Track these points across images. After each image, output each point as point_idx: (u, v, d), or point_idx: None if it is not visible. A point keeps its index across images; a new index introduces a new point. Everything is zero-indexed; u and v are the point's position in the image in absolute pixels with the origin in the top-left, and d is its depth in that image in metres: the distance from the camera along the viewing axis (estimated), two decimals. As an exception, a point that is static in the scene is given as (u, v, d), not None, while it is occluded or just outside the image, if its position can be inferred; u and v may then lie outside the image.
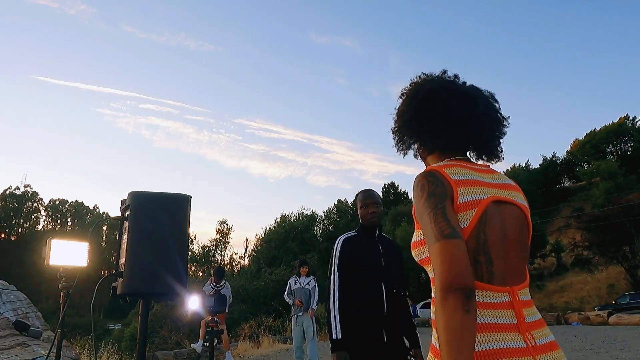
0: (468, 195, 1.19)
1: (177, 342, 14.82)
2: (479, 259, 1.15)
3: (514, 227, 1.23)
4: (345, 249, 2.70)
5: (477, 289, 1.12)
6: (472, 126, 1.31)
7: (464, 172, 1.24)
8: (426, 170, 1.24)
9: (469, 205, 1.17)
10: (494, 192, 1.24)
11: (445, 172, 1.22)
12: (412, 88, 1.40)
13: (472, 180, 1.23)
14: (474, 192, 1.20)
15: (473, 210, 1.16)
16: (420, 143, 1.39)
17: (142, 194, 2.31)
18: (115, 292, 2.27)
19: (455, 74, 1.40)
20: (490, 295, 1.14)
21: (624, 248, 29.25)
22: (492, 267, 1.15)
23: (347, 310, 2.55)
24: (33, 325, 5.66)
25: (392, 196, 45.55)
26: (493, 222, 1.19)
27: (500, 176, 1.33)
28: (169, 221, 2.29)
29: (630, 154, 46.44)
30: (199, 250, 41.84)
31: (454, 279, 1.04)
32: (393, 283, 2.67)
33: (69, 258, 3.37)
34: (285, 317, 16.15)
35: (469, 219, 1.16)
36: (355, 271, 2.63)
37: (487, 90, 1.39)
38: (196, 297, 5.32)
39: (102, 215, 69.55)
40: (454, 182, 1.19)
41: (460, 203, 1.16)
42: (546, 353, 1.13)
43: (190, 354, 10.23)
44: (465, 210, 1.16)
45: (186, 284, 2.29)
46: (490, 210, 1.19)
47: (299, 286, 7.72)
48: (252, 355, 10.87)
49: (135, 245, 2.22)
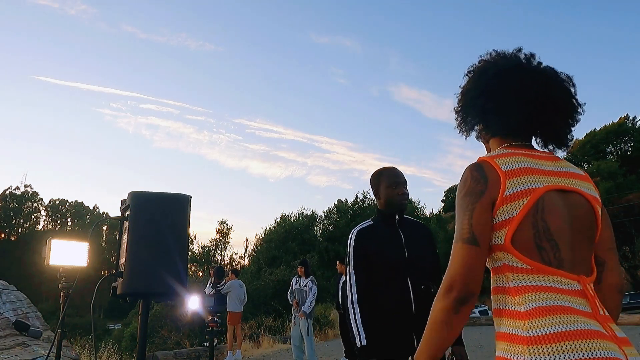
0: (520, 185, 1.15)
1: (177, 342, 14.81)
2: (543, 245, 1.12)
3: (580, 218, 1.18)
4: (360, 242, 2.33)
5: (545, 273, 1.10)
6: (544, 110, 1.24)
7: (520, 161, 1.19)
8: (477, 162, 1.22)
9: (520, 195, 1.14)
10: (554, 181, 1.19)
11: (497, 162, 1.18)
12: (482, 65, 1.32)
13: (527, 168, 1.18)
14: (527, 181, 1.16)
15: (525, 199, 1.13)
16: (483, 124, 1.32)
17: (142, 194, 2.31)
18: (115, 292, 2.27)
19: (531, 53, 1.31)
20: (560, 281, 1.10)
21: (624, 248, 29.29)
22: (560, 253, 1.12)
23: (370, 314, 2.22)
24: (33, 325, 5.66)
25: (392, 196, 45.46)
26: (554, 210, 1.14)
27: (566, 164, 1.26)
28: (169, 221, 2.29)
29: (630, 154, 46.40)
30: (199, 250, 41.84)
31: (456, 282, 1.10)
32: (421, 277, 2.30)
33: (69, 258, 3.37)
34: (285, 317, 16.15)
35: (518, 208, 1.13)
36: (375, 267, 2.28)
37: (564, 72, 1.29)
38: (196, 297, 5.32)
39: (102, 215, 69.55)
40: (503, 174, 1.16)
41: (508, 195, 1.13)
42: (628, 346, 1.07)
43: (190, 354, 10.22)
44: (514, 200, 1.13)
45: (186, 284, 2.29)
46: (550, 199, 1.15)
47: (298, 287, 7.79)
48: (252, 355, 10.87)
49: (135, 245, 2.22)
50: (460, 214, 1.16)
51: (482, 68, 1.31)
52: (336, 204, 39.52)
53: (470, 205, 1.15)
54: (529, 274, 1.11)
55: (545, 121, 1.25)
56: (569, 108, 1.26)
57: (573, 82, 1.28)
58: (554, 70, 1.29)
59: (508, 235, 1.13)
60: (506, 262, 1.14)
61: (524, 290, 1.10)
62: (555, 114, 1.24)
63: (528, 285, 1.10)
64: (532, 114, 1.23)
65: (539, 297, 1.08)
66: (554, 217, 1.14)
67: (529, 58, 1.30)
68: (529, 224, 1.12)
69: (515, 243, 1.13)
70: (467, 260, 1.11)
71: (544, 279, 1.10)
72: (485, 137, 1.37)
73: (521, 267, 1.12)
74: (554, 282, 1.10)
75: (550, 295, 1.08)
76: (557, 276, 1.11)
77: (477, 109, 1.28)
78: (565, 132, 1.28)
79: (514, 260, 1.13)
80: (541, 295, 1.08)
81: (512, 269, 1.13)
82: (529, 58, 1.30)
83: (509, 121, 1.24)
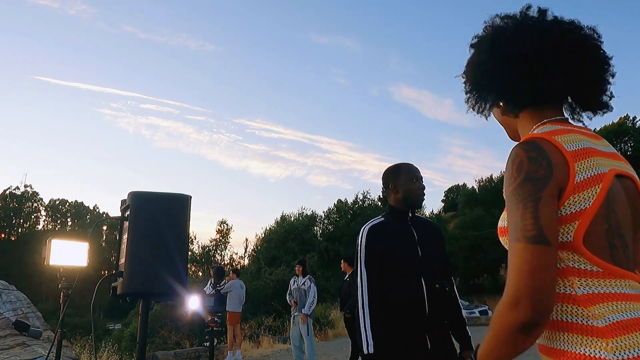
0: (589, 169, 0.95)
1: (177, 342, 14.81)
2: (614, 242, 0.95)
3: (636, 208, 1.02)
4: (372, 239, 2.23)
5: (617, 277, 0.93)
6: (585, 65, 1.03)
7: (580, 139, 0.99)
8: (529, 140, 0.98)
9: (592, 181, 0.94)
10: (613, 164, 1.00)
11: (558, 141, 0.96)
12: (492, 31, 1.11)
13: (590, 149, 0.98)
14: (594, 164, 0.96)
15: (597, 187, 0.94)
16: (510, 96, 1.08)
17: (142, 194, 2.31)
18: (115, 292, 2.27)
19: (544, 8, 1.09)
20: (631, 286, 0.94)
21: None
22: (628, 252, 0.97)
23: (381, 315, 2.12)
24: (33, 325, 5.66)
25: (392, 196, 45.55)
26: (620, 200, 0.98)
27: (606, 143, 1.07)
28: (169, 221, 2.29)
29: (630, 154, 46.38)
30: (199, 250, 41.86)
31: (523, 298, 0.87)
32: (435, 276, 2.22)
33: (69, 258, 3.37)
34: (285, 317, 16.15)
35: (592, 197, 0.93)
36: (387, 266, 2.18)
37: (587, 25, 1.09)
38: (196, 297, 5.32)
39: (102, 215, 69.54)
40: (570, 155, 0.95)
41: (579, 182, 0.94)
42: None
43: (190, 354, 10.22)
44: (586, 188, 0.94)
45: (186, 284, 2.29)
46: (616, 186, 0.98)
47: (296, 286, 7.80)
48: (252, 355, 10.86)
49: (135, 245, 2.22)
50: (519, 206, 0.92)
51: (493, 33, 1.10)
52: (336, 204, 39.54)
53: (534, 194, 0.92)
54: (601, 278, 0.93)
55: (587, 79, 1.04)
56: (604, 58, 1.06)
57: (598, 32, 1.08)
58: (577, 23, 1.08)
59: (579, 231, 0.93)
60: (571, 263, 0.94)
61: (598, 300, 0.92)
62: (597, 68, 1.05)
63: (602, 293, 0.92)
64: (572, 72, 1.03)
65: (617, 307, 0.91)
66: (622, 209, 0.97)
67: (544, 11, 1.09)
68: (602, 218, 0.94)
69: (585, 241, 0.93)
70: (537, 264, 0.87)
71: (617, 284, 0.93)
72: (512, 112, 1.14)
73: (591, 270, 0.93)
74: (626, 287, 0.94)
75: (628, 305, 0.92)
76: (627, 280, 0.94)
77: (500, 79, 1.07)
78: (604, 89, 1.07)
79: (583, 262, 0.94)
80: (619, 306, 0.91)
81: (580, 273, 0.94)
82: (544, 11, 1.09)
83: (549, 85, 1.03)
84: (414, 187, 2.30)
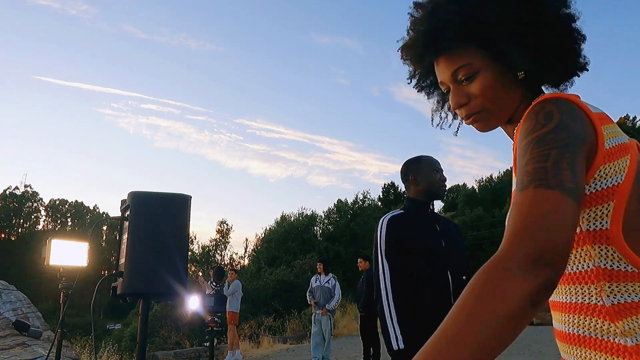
0: (614, 136, 0.75)
1: (177, 342, 14.82)
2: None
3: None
4: (393, 230, 2.12)
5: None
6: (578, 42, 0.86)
7: (591, 106, 0.79)
8: (554, 96, 0.76)
9: (620, 150, 0.74)
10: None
11: (583, 103, 0.76)
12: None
13: (605, 116, 0.79)
14: (616, 132, 0.77)
15: (626, 158, 0.74)
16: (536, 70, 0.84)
17: (142, 194, 2.31)
18: (115, 292, 2.27)
19: None
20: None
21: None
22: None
23: (408, 309, 2.00)
24: (33, 325, 5.66)
25: (392, 196, 45.59)
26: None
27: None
28: (169, 221, 2.29)
29: (630, 154, 46.46)
30: (199, 250, 41.89)
31: (554, 249, 0.59)
32: (460, 269, 2.13)
33: (69, 258, 3.37)
34: (285, 317, 16.15)
35: (623, 170, 0.72)
36: (410, 258, 2.06)
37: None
38: (196, 297, 5.33)
39: (102, 215, 69.52)
40: (595, 118, 0.74)
41: (608, 148, 0.73)
42: None
43: (190, 354, 10.23)
44: (615, 158, 0.73)
45: (186, 284, 2.29)
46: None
47: (319, 284, 7.76)
48: (252, 355, 10.87)
49: (135, 245, 2.22)
50: (551, 152, 0.67)
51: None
52: (336, 204, 39.53)
53: (571, 145, 0.68)
54: (637, 282, 0.71)
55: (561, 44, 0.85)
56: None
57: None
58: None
59: (617, 216, 0.71)
60: (603, 263, 0.72)
61: (632, 311, 0.70)
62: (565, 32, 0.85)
63: (637, 302, 0.70)
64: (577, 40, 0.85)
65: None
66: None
67: None
68: (635, 196, 0.72)
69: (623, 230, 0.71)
70: (573, 222, 0.62)
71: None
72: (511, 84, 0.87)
73: (625, 272, 0.71)
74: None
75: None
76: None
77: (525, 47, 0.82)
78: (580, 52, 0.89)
79: (617, 260, 0.71)
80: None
81: (612, 276, 0.72)
82: None
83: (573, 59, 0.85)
84: (435, 178, 2.26)
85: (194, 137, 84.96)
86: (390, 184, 48.74)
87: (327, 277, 7.78)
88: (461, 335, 0.56)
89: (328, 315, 7.61)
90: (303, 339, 12.91)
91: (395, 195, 46.44)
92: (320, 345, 7.65)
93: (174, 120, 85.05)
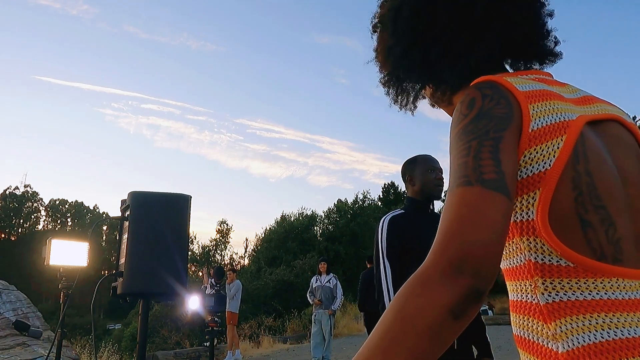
0: (548, 115, 0.69)
1: (177, 342, 14.83)
2: (588, 218, 0.65)
3: (633, 161, 0.73)
4: (394, 229, 2.13)
5: (599, 275, 0.64)
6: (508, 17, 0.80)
7: (533, 83, 0.74)
8: (480, 80, 0.74)
9: (553, 130, 0.68)
10: (583, 110, 0.74)
11: (509, 81, 0.72)
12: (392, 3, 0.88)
13: (548, 92, 0.73)
14: (555, 109, 0.70)
15: (560, 139, 0.67)
16: (435, 81, 0.87)
17: (142, 194, 2.31)
18: (115, 292, 2.27)
19: None
20: (622, 287, 0.64)
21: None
22: (615, 233, 0.65)
23: None
24: (33, 325, 5.67)
25: (392, 196, 45.60)
26: (598, 155, 0.69)
27: (574, 88, 0.82)
28: (169, 221, 2.29)
29: (630, 154, 46.46)
30: (199, 250, 41.90)
31: (472, 255, 0.55)
32: None
33: (69, 258, 3.37)
34: (285, 317, 16.16)
35: (554, 154, 0.66)
36: (411, 258, 2.01)
37: None
38: (196, 297, 5.34)
39: (102, 215, 69.51)
40: (522, 96, 0.70)
41: (535, 130, 0.68)
42: None
43: (190, 354, 10.23)
44: (544, 140, 0.67)
45: (186, 284, 2.30)
46: (589, 137, 0.70)
47: (320, 284, 7.77)
48: (252, 355, 10.87)
49: (135, 245, 2.22)
50: (472, 144, 0.64)
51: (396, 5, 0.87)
52: (336, 203, 39.52)
53: (493, 130, 0.65)
54: (572, 278, 0.65)
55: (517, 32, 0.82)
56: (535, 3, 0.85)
57: None
58: None
59: (544, 206, 0.66)
60: (534, 256, 0.67)
61: (566, 311, 0.64)
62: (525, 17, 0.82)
63: (573, 301, 0.64)
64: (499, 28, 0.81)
65: (591, 323, 0.62)
66: (600, 168, 0.68)
67: None
68: (569, 183, 0.66)
69: (551, 220, 0.65)
70: (496, 218, 0.58)
71: (597, 286, 0.64)
72: (443, 97, 0.89)
73: (558, 266, 0.65)
74: (612, 289, 0.63)
75: (610, 319, 0.62)
76: (615, 278, 0.64)
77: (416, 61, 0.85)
78: (545, 36, 0.86)
79: (549, 253, 0.66)
80: (595, 320, 0.62)
81: (545, 270, 0.66)
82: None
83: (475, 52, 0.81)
84: (430, 177, 2.23)
85: (194, 137, 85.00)
86: (390, 184, 48.76)
87: (328, 277, 7.80)
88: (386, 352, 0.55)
89: (329, 315, 7.63)
90: (303, 339, 12.91)
91: (395, 195, 46.44)
92: (321, 345, 7.66)
93: (174, 120, 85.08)
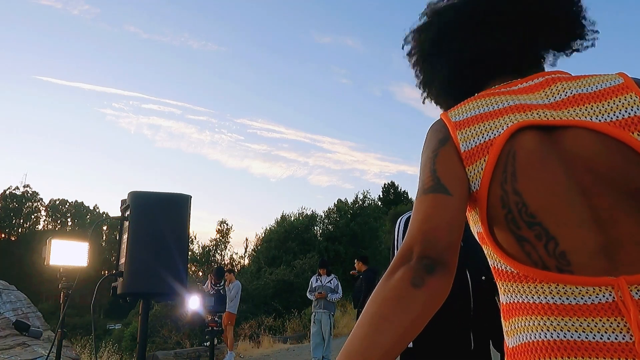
0: (474, 137, 0.77)
1: (178, 342, 14.82)
2: (523, 234, 0.70)
3: (599, 171, 0.70)
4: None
5: (538, 281, 0.69)
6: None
7: (482, 104, 0.81)
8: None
9: (478, 152, 0.76)
10: (533, 115, 0.76)
11: (448, 115, 0.84)
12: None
13: (490, 112, 0.79)
14: (484, 129, 0.77)
15: (483, 160, 0.75)
16: (445, 106, 1.01)
17: (142, 194, 2.31)
18: (115, 292, 2.27)
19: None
20: (570, 292, 0.66)
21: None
22: (557, 247, 0.68)
23: None
24: (33, 325, 5.67)
25: (392, 196, 45.58)
26: (537, 169, 0.72)
27: (572, 85, 0.80)
28: (169, 221, 2.29)
29: (630, 154, 46.41)
30: (199, 250, 41.89)
31: (416, 242, 0.71)
32: (480, 268, 2.01)
33: (69, 258, 3.37)
34: (285, 316, 16.16)
35: (479, 175, 0.75)
36: None
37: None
38: (196, 297, 5.33)
39: (102, 215, 69.51)
40: (452, 126, 0.81)
41: (466, 151, 0.77)
42: None
43: (190, 354, 10.23)
44: (474, 160, 0.76)
45: (186, 284, 2.29)
46: (525, 151, 0.73)
47: (320, 284, 7.78)
48: (252, 355, 10.87)
49: (135, 245, 2.22)
50: (422, 170, 0.81)
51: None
52: (336, 203, 39.52)
53: (431, 153, 0.80)
54: (518, 282, 0.72)
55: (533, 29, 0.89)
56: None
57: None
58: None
59: (483, 219, 0.76)
60: (491, 261, 0.78)
61: (515, 311, 0.72)
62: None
63: (520, 303, 0.71)
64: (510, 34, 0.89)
65: (530, 323, 0.69)
66: (535, 185, 0.71)
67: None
68: (498, 202, 0.73)
69: (498, 232, 0.75)
70: (433, 212, 0.72)
71: (539, 291, 0.68)
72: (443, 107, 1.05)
73: (506, 271, 0.74)
74: (561, 295, 0.67)
75: (545, 321, 0.67)
76: (565, 285, 0.67)
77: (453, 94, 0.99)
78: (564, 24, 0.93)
79: (498, 260, 0.75)
80: (532, 321, 0.69)
81: (501, 274, 0.75)
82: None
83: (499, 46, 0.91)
84: None
85: (195, 137, 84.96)
86: (390, 184, 48.75)
87: (330, 277, 7.81)
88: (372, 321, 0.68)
89: (328, 315, 7.62)
90: (303, 338, 12.91)
91: (395, 195, 46.44)
92: (321, 345, 7.66)
93: (175, 120, 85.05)
